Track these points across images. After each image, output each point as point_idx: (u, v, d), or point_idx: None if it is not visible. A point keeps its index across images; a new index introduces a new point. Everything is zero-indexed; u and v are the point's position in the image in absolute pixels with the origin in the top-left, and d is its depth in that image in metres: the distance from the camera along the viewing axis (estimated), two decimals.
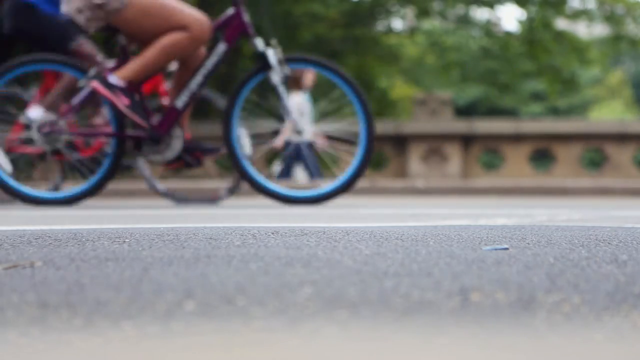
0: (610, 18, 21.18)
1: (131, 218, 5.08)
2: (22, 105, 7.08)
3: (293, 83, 12.06)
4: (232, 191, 8.16)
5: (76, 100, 6.55)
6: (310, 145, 11.90)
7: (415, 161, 15.02)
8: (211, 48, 6.73)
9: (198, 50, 6.62)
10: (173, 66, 6.96)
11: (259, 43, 6.73)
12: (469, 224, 3.84)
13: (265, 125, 8.05)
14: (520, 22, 22.24)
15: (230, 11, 6.72)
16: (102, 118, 7.12)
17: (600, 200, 10.34)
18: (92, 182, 6.64)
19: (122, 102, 6.34)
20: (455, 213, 5.71)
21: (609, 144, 14.89)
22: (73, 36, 6.70)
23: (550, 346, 1.25)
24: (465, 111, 33.63)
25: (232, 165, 6.97)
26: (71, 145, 6.85)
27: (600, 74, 40.61)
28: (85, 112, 7.19)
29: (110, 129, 6.72)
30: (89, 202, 7.11)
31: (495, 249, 2.15)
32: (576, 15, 21.33)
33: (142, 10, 6.43)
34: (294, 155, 12.49)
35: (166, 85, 7.46)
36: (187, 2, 6.83)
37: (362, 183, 12.17)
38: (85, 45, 6.74)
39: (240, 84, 6.75)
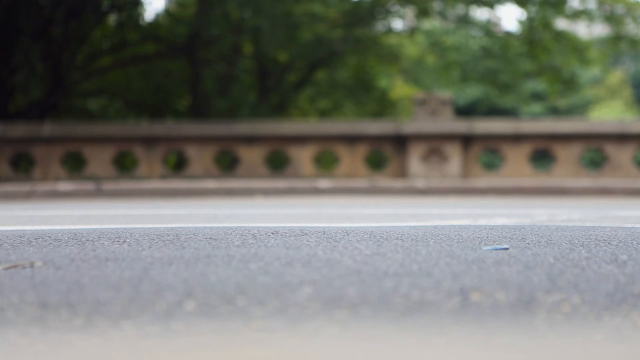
0: (610, 18, 21.17)
1: (131, 218, 5.08)
2: None
3: None
4: None
5: None
6: None
7: (415, 161, 15.01)
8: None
9: None
10: None
11: None
12: (469, 224, 3.84)
13: None
14: (520, 22, 22.23)
15: None
16: None
17: (600, 200, 10.32)
18: None
19: None
20: (455, 213, 5.70)
21: (609, 144, 14.88)
22: None
23: (550, 346, 1.25)
24: (465, 111, 33.59)
25: None
26: None
27: (600, 74, 40.58)
28: None
29: None
30: (89, 202, 7.09)
31: (495, 249, 2.15)
32: (576, 15, 21.31)
33: None
34: None
35: None
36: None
37: (362, 183, 12.16)
38: None
39: None
